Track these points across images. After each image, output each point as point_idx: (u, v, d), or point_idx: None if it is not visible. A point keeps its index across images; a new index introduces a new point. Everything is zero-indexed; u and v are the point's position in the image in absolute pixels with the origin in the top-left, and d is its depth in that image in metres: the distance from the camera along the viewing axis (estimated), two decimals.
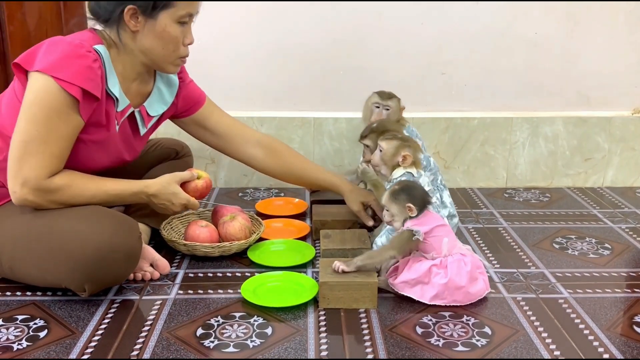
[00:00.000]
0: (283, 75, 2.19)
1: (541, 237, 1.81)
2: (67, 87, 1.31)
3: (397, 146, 1.54)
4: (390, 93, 1.85)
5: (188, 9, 1.42)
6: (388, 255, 1.41)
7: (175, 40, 1.43)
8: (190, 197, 1.53)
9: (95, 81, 1.35)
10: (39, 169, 1.33)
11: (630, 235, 1.83)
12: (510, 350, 1.24)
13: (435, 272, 1.38)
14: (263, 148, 1.73)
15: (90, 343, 1.24)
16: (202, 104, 1.69)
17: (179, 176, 1.53)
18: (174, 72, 1.51)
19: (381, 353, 1.22)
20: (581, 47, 2.21)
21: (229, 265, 1.61)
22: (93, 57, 1.35)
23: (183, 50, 1.46)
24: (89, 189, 1.40)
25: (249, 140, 1.73)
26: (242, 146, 1.72)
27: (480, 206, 2.08)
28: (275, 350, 1.23)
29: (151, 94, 1.55)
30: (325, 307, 1.39)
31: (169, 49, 1.44)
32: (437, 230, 1.39)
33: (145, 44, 1.42)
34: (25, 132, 1.32)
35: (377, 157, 1.58)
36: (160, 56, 1.45)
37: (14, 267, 1.40)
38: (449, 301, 1.39)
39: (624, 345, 1.26)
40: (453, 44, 2.18)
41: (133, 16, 1.39)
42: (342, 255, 1.56)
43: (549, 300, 1.44)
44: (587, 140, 2.26)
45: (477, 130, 2.23)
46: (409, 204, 1.39)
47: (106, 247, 1.32)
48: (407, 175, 1.52)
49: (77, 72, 1.32)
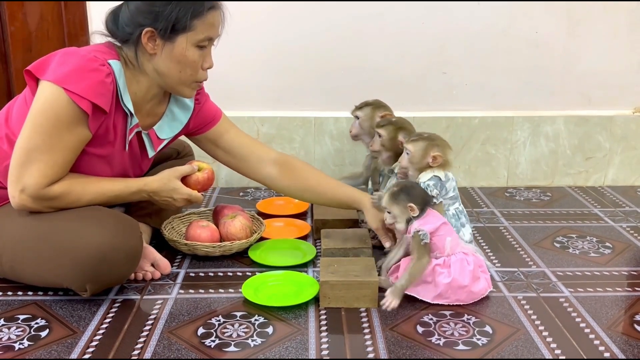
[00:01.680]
0: (284, 75, 2.20)
1: (542, 236, 1.81)
2: (77, 100, 1.29)
3: (425, 147, 1.52)
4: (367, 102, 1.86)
5: (208, 32, 1.39)
6: (423, 264, 1.36)
7: (193, 64, 1.40)
8: (192, 191, 1.50)
9: (107, 96, 1.33)
10: (40, 177, 1.32)
11: (631, 234, 1.83)
12: (511, 349, 1.24)
13: (439, 272, 1.38)
14: (278, 166, 1.63)
15: (92, 342, 1.24)
16: (217, 121, 1.63)
17: (179, 171, 1.50)
18: (190, 96, 1.47)
19: (382, 352, 1.22)
20: (582, 46, 2.21)
21: (230, 264, 1.61)
22: (106, 72, 1.32)
23: (201, 75, 1.43)
24: (88, 193, 1.39)
25: (264, 159, 1.64)
26: (257, 165, 1.64)
27: (481, 205, 2.08)
28: (276, 349, 1.23)
29: (163, 116, 1.52)
30: (326, 306, 1.39)
31: (187, 72, 1.40)
32: (441, 229, 1.39)
33: (162, 67, 1.39)
34: (29, 139, 1.31)
35: (406, 160, 1.55)
36: (177, 80, 1.41)
37: (14, 267, 1.40)
38: (452, 300, 1.39)
39: (625, 344, 1.26)
40: (454, 43, 2.18)
41: (151, 39, 1.36)
42: (342, 254, 1.56)
43: (550, 299, 1.44)
44: (588, 139, 2.26)
45: (478, 130, 2.23)
46: (410, 203, 1.38)
47: (107, 247, 1.32)
48: (434, 179, 1.51)
49: (88, 86, 1.30)
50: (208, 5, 1.37)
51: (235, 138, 1.64)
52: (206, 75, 1.45)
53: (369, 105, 1.86)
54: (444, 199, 1.53)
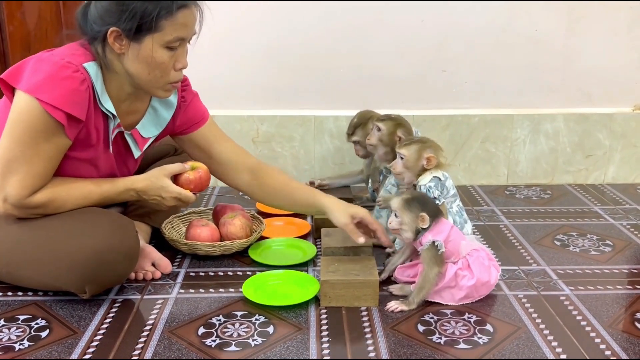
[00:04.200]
0: (284, 74, 2.19)
1: (542, 234, 1.81)
2: (51, 111, 1.25)
3: (418, 149, 1.53)
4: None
5: (178, 33, 1.31)
6: (434, 275, 1.35)
7: (162, 66, 1.32)
8: (182, 190, 1.44)
9: (81, 104, 1.29)
10: (21, 188, 1.30)
11: (632, 232, 1.83)
12: (512, 347, 1.23)
13: (461, 275, 1.38)
14: (251, 173, 1.59)
15: (92, 343, 1.24)
16: (204, 123, 1.58)
17: (168, 169, 1.45)
18: (164, 97, 1.41)
19: (383, 351, 1.22)
20: (582, 44, 2.20)
21: (230, 264, 1.61)
22: (80, 78, 1.28)
23: (173, 76, 1.36)
24: (73, 197, 1.36)
25: (240, 167, 1.60)
26: (233, 172, 1.60)
27: (481, 203, 2.08)
28: (276, 348, 1.23)
29: (145, 114, 1.48)
30: (327, 305, 1.38)
31: (156, 74, 1.33)
32: (452, 235, 1.38)
33: (130, 68, 1.33)
34: (9, 150, 1.29)
35: (400, 165, 1.55)
36: (147, 81, 1.35)
37: (12, 272, 1.39)
38: (476, 298, 1.40)
39: (626, 342, 1.25)
40: (454, 41, 2.18)
41: (117, 38, 1.30)
42: (343, 253, 1.55)
43: (551, 298, 1.43)
44: (588, 137, 2.26)
45: (478, 128, 2.23)
46: (422, 213, 1.36)
47: (104, 248, 1.31)
48: (434, 181, 1.50)
49: (61, 95, 1.26)
50: (178, 5, 1.29)
51: (220, 143, 1.59)
52: (180, 75, 1.38)
53: (361, 126, 1.88)
54: (446, 198, 1.53)
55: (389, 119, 1.73)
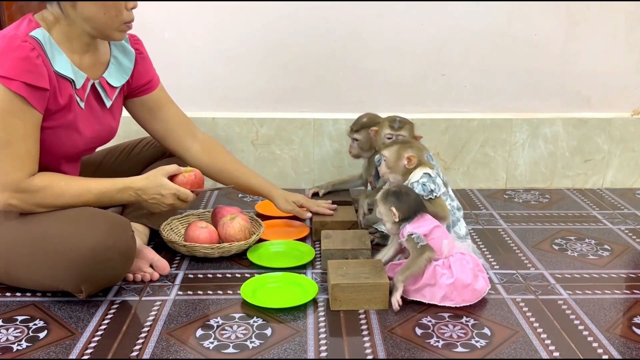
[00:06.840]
0: (283, 77, 2.19)
1: (541, 238, 1.81)
2: (7, 84, 1.28)
3: (397, 149, 1.54)
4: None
5: None
6: (425, 260, 1.37)
7: (116, 5, 1.38)
8: (181, 187, 1.48)
9: (36, 71, 1.31)
10: (13, 172, 1.32)
11: (630, 237, 1.83)
12: (509, 351, 1.24)
13: (440, 273, 1.38)
14: (201, 144, 1.71)
15: (90, 344, 1.24)
16: (156, 86, 1.65)
17: (165, 169, 1.49)
18: (120, 38, 1.44)
19: (381, 354, 1.22)
20: (581, 48, 2.21)
21: (229, 266, 1.61)
22: (29, 47, 1.30)
23: (127, 15, 1.41)
24: (72, 188, 1.39)
25: (190, 134, 1.70)
26: (183, 138, 1.69)
27: (479, 207, 2.08)
28: (274, 351, 1.23)
29: (109, 64, 1.52)
30: (337, 309, 1.38)
31: (111, 14, 1.38)
32: (435, 232, 1.40)
33: (86, 12, 1.37)
34: None
35: (383, 166, 1.57)
36: (103, 23, 1.38)
37: (9, 272, 1.40)
38: (458, 302, 1.39)
39: (623, 347, 1.26)
40: (453, 45, 2.18)
41: None
42: (342, 255, 1.56)
43: (549, 302, 1.44)
44: (586, 142, 2.26)
45: (476, 132, 2.23)
46: (392, 207, 1.40)
47: (100, 248, 1.32)
48: (426, 177, 1.51)
49: (13, 66, 1.28)
50: None
51: (171, 108, 1.68)
52: (132, 15, 1.43)
53: (366, 127, 1.83)
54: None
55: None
